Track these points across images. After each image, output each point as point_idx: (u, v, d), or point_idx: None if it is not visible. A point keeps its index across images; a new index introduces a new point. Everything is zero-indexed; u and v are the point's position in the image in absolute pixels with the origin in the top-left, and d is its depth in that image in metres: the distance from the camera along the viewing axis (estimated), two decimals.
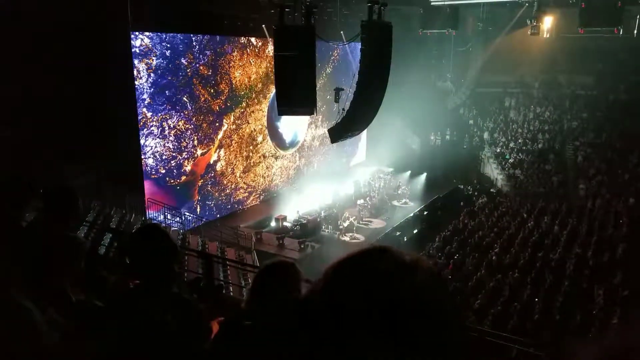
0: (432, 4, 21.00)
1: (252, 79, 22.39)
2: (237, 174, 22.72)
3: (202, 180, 20.59)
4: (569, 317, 12.46)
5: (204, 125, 20.28)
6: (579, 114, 28.59)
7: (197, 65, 19.40)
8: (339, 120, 13.66)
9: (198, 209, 20.09)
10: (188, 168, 19.78)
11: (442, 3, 20.75)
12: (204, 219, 19.53)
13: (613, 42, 23.03)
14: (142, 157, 17.13)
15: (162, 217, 17.39)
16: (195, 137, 19.98)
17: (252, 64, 22.23)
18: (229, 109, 21.52)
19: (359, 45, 12.47)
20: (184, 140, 19.44)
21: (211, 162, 21.14)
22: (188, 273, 10.40)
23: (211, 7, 17.46)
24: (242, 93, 22.05)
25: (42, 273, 2.39)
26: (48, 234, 2.84)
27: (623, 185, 23.60)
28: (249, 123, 22.83)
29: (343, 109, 13.43)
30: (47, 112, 12.55)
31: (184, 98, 18.98)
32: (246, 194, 23.57)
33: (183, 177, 19.45)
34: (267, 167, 24.51)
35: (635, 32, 19.50)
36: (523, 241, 18.36)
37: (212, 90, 20.47)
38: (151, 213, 17.02)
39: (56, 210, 3.01)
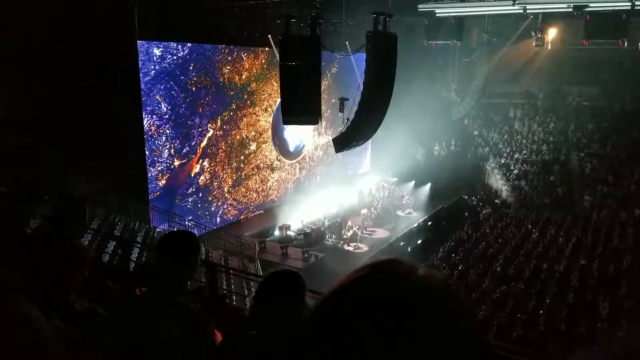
0: (437, 15, 21.05)
1: (243, 77, 19.97)
2: (225, 189, 20.12)
3: (180, 197, 18.10)
4: (574, 328, 12.37)
5: (183, 130, 17.78)
6: (584, 125, 28.53)
7: (174, 56, 17.06)
8: (343, 130, 13.68)
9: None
10: (162, 182, 17.33)
11: (447, 14, 20.80)
12: (207, 228, 19.46)
13: (618, 53, 23.05)
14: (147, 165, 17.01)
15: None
16: (172, 145, 17.45)
17: (244, 58, 20.08)
18: (215, 112, 18.95)
19: (364, 56, 12.52)
20: (157, 148, 16.95)
21: (192, 175, 18.47)
22: (191, 282, 10.39)
23: (218, 18, 17.58)
24: (232, 93, 19.61)
25: (46, 281, 2.40)
26: (52, 242, 2.85)
27: (629, 197, 23.48)
28: (239, 129, 20.28)
29: (348, 119, 13.46)
30: (51, 120, 12.64)
31: (157, 96, 16.60)
32: (236, 212, 20.94)
33: (156, 194, 17.09)
34: (261, 181, 22.02)
35: None
36: (527, 252, 18.27)
37: (193, 89, 17.84)
38: (155, 221, 17.00)
39: (65, 217, 3.03)
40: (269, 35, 19.37)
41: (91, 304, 2.68)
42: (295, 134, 23.94)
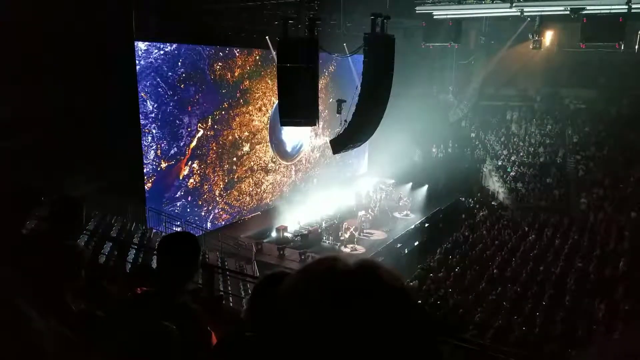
0: (434, 17, 21.09)
1: (236, 74, 19.02)
2: (216, 192, 19.16)
3: (167, 202, 17.14)
4: (570, 331, 12.39)
5: (171, 130, 16.80)
6: (581, 127, 28.62)
7: (161, 51, 16.14)
8: (341, 132, 13.70)
9: None
10: (148, 186, 16.50)
11: (445, 16, 20.84)
12: (205, 229, 19.37)
13: (615, 56, 23.14)
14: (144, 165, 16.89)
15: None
16: (158, 146, 16.54)
17: (237, 54, 19.19)
18: (206, 111, 17.94)
19: (362, 57, 12.53)
20: (142, 149, 16.17)
21: (180, 177, 17.47)
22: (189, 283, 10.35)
23: (215, 19, 17.56)
24: (223, 91, 18.63)
25: (43, 282, 2.40)
26: (49, 243, 2.85)
27: (625, 199, 23.55)
28: (231, 129, 19.27)
29: (345, 120, 13.48)
30: (48, 121, 12.62)
31: (142, 94, 15.83)
32: (228, 217, 19.94)
33: None
34: (255, 184, 21.10)
35: (636, 47, 19.54)
36: (524, 255, 18.31)
37: (181, 86, 16.80)
38: (152, 222, 16.95)
39: (62, 219, 3.02)
40: (267, 37, 19.35)
41: (88, 306, 2.68)
42: (293, 134, 23.67)
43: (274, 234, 20.74)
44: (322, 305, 0.75)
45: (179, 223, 17.67)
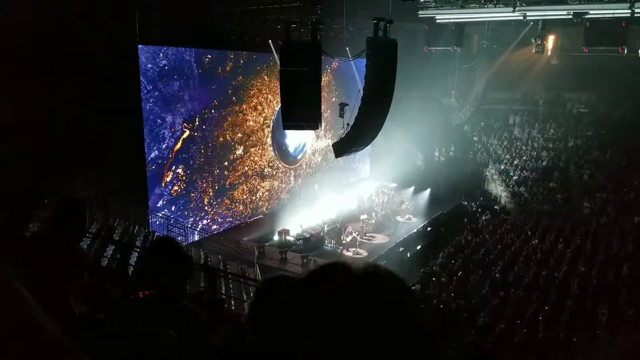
0: (437, 21, 21.14)
1: (228, 69, 17.72)
2: (205, 201, 17.52)
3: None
4: (573, 335, 12.34)
5: (152, 130, 15.36)
6: (583, 131, 28.58)
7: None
8: (343, 135, 13.71)
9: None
10: None
11: (448, 20, 20.89)
12: (207, 232, 19.36)
13: (618, 60, 23.14)
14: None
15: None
16: None
17: None
18: (192, 109, 16.41)
19: (364, 61, 12.55)
20: (144, 152, 15.18)
21: (163, 184, 15.94)
22: (190, 287, 10.38)
23: (218, 23, 17.60)
24: (213, 87, 17.20)
25: (45, 284, 2.40)
26: (51, 245, 2.85)
27: (628, 204, 23.48)
28: (223, 130, 17.72)
29: (348, 124, 13.49)
30: (50, 124, 12.65)
31: None
32: (218, 228, 18.20)
33: None
34: (249, 191, 19.53)
35: (639, 51, 19.55)
36: (527, 259, 18.25)
37: (164, 80, 15.29)
38: (154, 225, 16.95)
39: (64, 221, 3.02)
40: (270, 41, 19.38)
41: (90, 309, 2.68)
42: (297, 136, 22.89)
43: (276, 237, 20.69)
44: (325, 309, 0.76)
45: (177, 225, 17.66)
